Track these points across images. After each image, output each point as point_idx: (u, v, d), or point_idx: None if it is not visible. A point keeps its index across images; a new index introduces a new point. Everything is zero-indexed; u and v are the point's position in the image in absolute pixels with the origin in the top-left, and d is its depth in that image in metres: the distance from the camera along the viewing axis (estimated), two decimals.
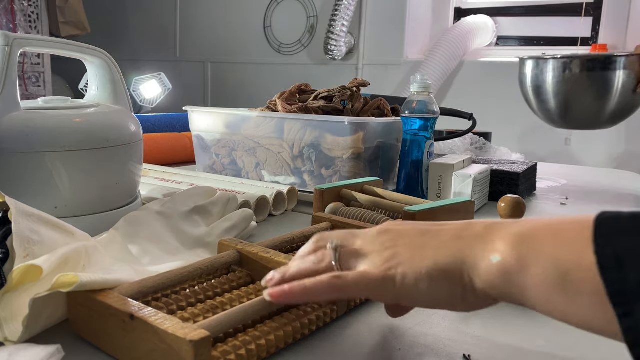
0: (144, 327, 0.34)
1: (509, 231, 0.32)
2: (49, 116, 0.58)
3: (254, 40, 3.25)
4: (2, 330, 0.37)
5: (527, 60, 1.24)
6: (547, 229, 0.31)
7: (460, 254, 0.33)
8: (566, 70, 1.15)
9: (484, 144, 1.52)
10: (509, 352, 0.40)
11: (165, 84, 2.31)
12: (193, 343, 0.31)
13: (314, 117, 0.89)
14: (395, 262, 0.35)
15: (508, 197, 0.61)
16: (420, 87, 0.86)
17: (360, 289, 0.35)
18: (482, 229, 0.34)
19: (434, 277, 0.33)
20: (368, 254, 0.37)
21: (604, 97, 1.14)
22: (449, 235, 0.35)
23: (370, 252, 0.36)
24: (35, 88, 3.00)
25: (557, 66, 1.17)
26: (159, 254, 0.54)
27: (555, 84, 1.17)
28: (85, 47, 0.65)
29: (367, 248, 0.37)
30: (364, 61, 2.94)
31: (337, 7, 2.77)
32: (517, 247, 0.31)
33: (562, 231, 0.30)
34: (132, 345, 0.35)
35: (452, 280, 0.33)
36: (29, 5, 2.96)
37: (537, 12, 2.71)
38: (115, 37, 3.69)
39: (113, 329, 0.36)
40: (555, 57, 1.16)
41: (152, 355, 0.33)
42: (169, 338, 0.32)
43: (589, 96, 1.16)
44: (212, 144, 1.02)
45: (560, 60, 1.16)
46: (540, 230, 0.31)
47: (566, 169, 1.40)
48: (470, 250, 0.33)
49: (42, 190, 0.56)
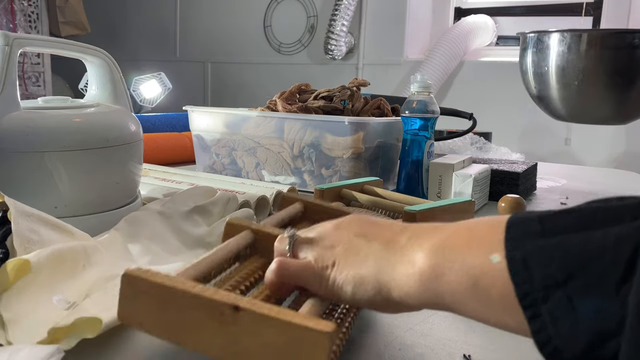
0: (253, 318, 0.30)
1: (428, 241, 0.33)
2: (49, 116, 0.58)
3: (254, 40, 3.25)
4: (5, 331, 0.37)
5: (529, 35, 1.04)
6: (464, 234, 0.32)
7: (380, 266, 0.34)
8: (579, 48, 0.92)
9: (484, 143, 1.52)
10: (509, 352, 0.40)
11: (165, 83, 2.31)
12: (328, 335, 0.28)
13: (314, 117, 0.89)
14: (330, 262, 0.36)
15: (508, 197, 0.61)
16: (420, 86, 0.86)
17: (300, 279, 0.37)
18: (406, 240, 0.35)
19: (356, 284, 0.35)
20: (316, 247, 0.38)
21: (626, 83, 0.92)
22: (378, 243, 0.36)
23: (318, 246, 0.38)
24: (35, 88, 3.00)
25: (568, 42, 0.93)
26: (160, 254, 0.54)
27: (563, 66, 0.95)
28: (85, 47, 0.65)
29: (318, 241, 0.38)
30: (364, 61, 2.94)
31: (337, 7, 2.76)
32: (433, 257, 0.32)
33: (476, 237, 0.31)
34: (231, 340, 0.31)
35: (372, 288, 0.34)
36: (28, 5, 2.96)
37: (537, 11, 2.71)
38: (115, 37, 3.69)
39: (203, 322, 0.31)
40: (564, 31, 0.93)
41: (264, 349, 0.30)
42: (294, 330, 0.29)
43: (605, 81, 0.93)
44: (212, 144, 1.02)
45: (572, 35, 0.92)
46: (457, 237, 0.33)
47: (566, 168, 1.40)
48: (388, 262, 0.34)
49: (42, 190, 0.56)
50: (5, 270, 0.38)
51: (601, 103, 1.01)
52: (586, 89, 0.97)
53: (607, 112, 1.04)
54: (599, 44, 0.92)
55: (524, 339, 0.42)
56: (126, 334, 0.40)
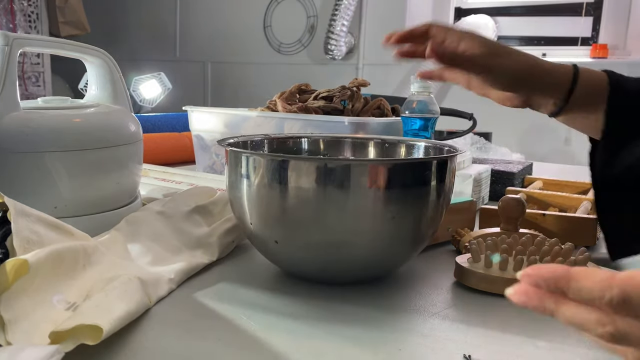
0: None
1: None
2: (48, 116, 0.58)
3: (253, 40, 3.25)
4: (5, 332, 0.37)
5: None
6: None
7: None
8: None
9: (484, 143, 1.52)
10: (509, 352, 0.40)
11: (165, 83, 2.31)
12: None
13: (314, 117, 0.89)
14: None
15: (508, 197, 0.61)
16: (420, 87, 0.86)
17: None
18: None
19: None
20: None
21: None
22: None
23: None
24: (35, 88, 3.00)
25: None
26: (160, 254, 0.54)
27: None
28: (85, 47, 0.65)
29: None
30: (364, 61, 2.94)
31: (337, 7, 2.76)
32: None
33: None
34: None
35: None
36: (28, 5, 2.96)
37: (537, 11, 2.71)
38: (115, 37, 3.69)
39: None
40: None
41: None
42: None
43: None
44: (212, 144, 1.02)
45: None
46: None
47: (566, 168, 1.40)
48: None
49: (42, 190, 0.56)
50: (4, 271, 0.38)
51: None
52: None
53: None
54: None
55: (524, 339, 0.42)
56: (126, 334, 0.40)
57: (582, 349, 0.40)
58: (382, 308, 0.47)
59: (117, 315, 0.39)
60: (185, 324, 0.43)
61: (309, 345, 0.40)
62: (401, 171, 0.46)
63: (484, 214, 0.71)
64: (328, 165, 0.45)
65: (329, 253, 0.48)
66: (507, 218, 0.60)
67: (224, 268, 0.56)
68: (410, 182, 0.47)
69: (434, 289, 0.51)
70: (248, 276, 0.53)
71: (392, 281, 0.53)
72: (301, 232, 0.47)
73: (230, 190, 0.51)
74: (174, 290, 0.49)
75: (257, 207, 0.48)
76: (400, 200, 0.46)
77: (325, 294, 0.49)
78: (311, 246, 0.48)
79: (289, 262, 0.52)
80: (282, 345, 0.39)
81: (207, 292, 0.49)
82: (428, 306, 0.47)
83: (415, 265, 0.57)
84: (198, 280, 0.52)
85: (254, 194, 0.48)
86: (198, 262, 0.53)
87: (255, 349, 0.39)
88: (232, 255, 0.59)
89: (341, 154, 0.66)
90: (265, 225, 0.49)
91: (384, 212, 0.46)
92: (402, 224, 0.47)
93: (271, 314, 0.45)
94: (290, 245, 0.49)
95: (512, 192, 0.81)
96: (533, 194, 0.81)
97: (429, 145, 0.61)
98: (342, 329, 0.43)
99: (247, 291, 0.50)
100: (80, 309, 0.39)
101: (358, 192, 0.45)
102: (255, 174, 0.47)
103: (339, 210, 0.45)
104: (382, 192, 0.45)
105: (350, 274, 0.51)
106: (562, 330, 0.43)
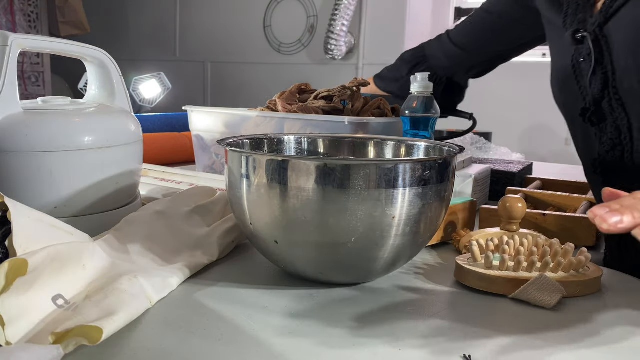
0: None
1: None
2: (48, 116, 0.58)
3: (253, 40, 3.25)
4: (5, 332, 0.37)
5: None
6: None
7: None
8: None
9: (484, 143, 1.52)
10: (509, 353, 0.40)
11: (165, 83, 2.31)
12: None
13: (314, 117, 0.89)
14: None
15: (508, 197, 0.61)
16: (420, 86, 0.86)
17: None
18: None
19: None
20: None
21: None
22: None
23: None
24: (34, 88, 3.00)
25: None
26: (160, 254, 0.54)
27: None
28: (84, 47, 0.65)
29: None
30: (364, 61, 2.94)
31: (337, 7, 2.76)
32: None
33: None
34: None
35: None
36: (28, 5, 2.96)
37: None
38: (115, 37, 3.69)
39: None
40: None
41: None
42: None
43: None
44: (211, 144, 1.02)
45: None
46: None
47: (566, 169, 1.40)
48: None
49: (42, 190, 0.56)
50: (4, 270, 0.38)
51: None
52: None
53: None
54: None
55: (524, 339, 0.42)
56: (126, 334, 0.40)
57: (583, 349, 0.40)
58: (382, 308, 0.47)
59: (117, 316, 0.39)
60: (185, 324, 0.43)
61: (309, 345, 0.40)
62: (401, 171, 0.46)
63: (484, 214, 0.71)
64: (328, 165, 0.45)
65: (328, 253, 0.48)
66: (507, 218, 0.60)
67: (224, 268, 0.56)
68: (410, 182, 0.47)
69: (434, 289, 0.51)
70: (248, 276, 0.53)
71: (392, 281, 0.53)
72: (301, 232, 0.47)
73: (230, 190, 0.51)
74: (174, 291, 0.49)
75: (257, 207, 0.48)
76: (400, 201, 0.46)
77: (325, 294, 0.49)
78: (311, 246, 0.48)
79: (289, 262, 0.52)
80: (282, 345, 0.39)
81: (207, 292, 0.49)
82: (428, 306, 0.47)
83: (415, 265, 0.57)
84: (198, 280, 0.52)
85: (254, 194, 0.48)
86: (198, 262, 0.53)
87: (255, 349, 0.39)
88: (232, 255, 0.59)
89: (341, 154, 0.66)
90: (265, 225, 0.49)
91: (384, 212, 0.46)
92: (402, 224, 0.47)
93: (271, 314, 0.45)
94: (290, 245, 0.49)
95: (512, 192, 0.81)
96: (533, 194, 0.81)
97: (429, 145, 0.61)
98: (342, 329, 0.43)
99: (247, 291, 0.50)
100: (80, 309, 0.39)
101: (358, 192, 0.45)
102: (255, 174, 0.47)
103: (338, 210, 0.45)
104: (382, 192, 0.45)
105: (350, 274, 0.51)
106: (562, 330, 0.43)
